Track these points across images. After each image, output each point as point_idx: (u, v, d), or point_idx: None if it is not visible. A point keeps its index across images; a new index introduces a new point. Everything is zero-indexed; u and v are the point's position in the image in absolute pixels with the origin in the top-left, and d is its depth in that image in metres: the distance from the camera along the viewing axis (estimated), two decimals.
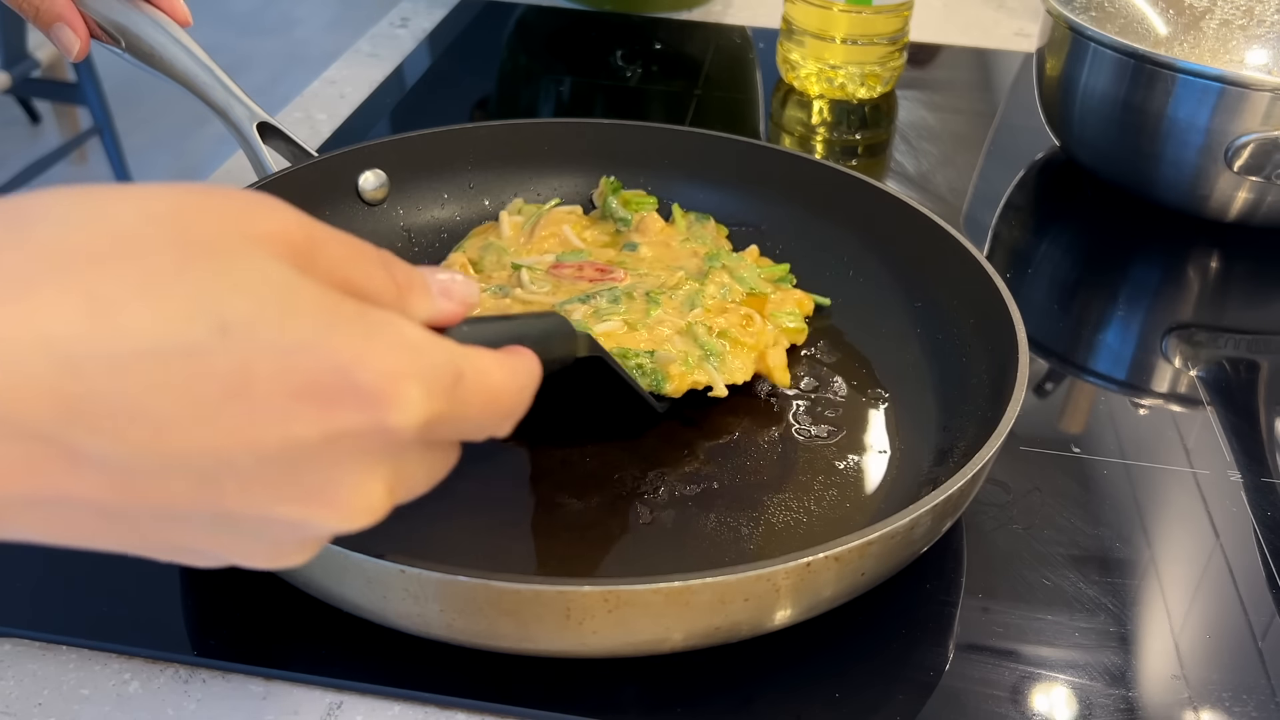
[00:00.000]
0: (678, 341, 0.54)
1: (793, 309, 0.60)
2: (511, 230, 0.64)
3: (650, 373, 0.52)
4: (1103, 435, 0.57)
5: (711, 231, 0.65)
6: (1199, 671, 0.44)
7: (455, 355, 0.29)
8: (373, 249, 0.30)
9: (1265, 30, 0.70)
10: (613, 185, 0.66)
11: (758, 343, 0.56)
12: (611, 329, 0.54)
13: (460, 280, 0.32)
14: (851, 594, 0.42)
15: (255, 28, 3.38)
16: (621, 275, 0.59)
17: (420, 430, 0.27)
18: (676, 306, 0.56)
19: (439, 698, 0.42)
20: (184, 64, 0.59)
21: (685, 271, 0.60)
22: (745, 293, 0.59)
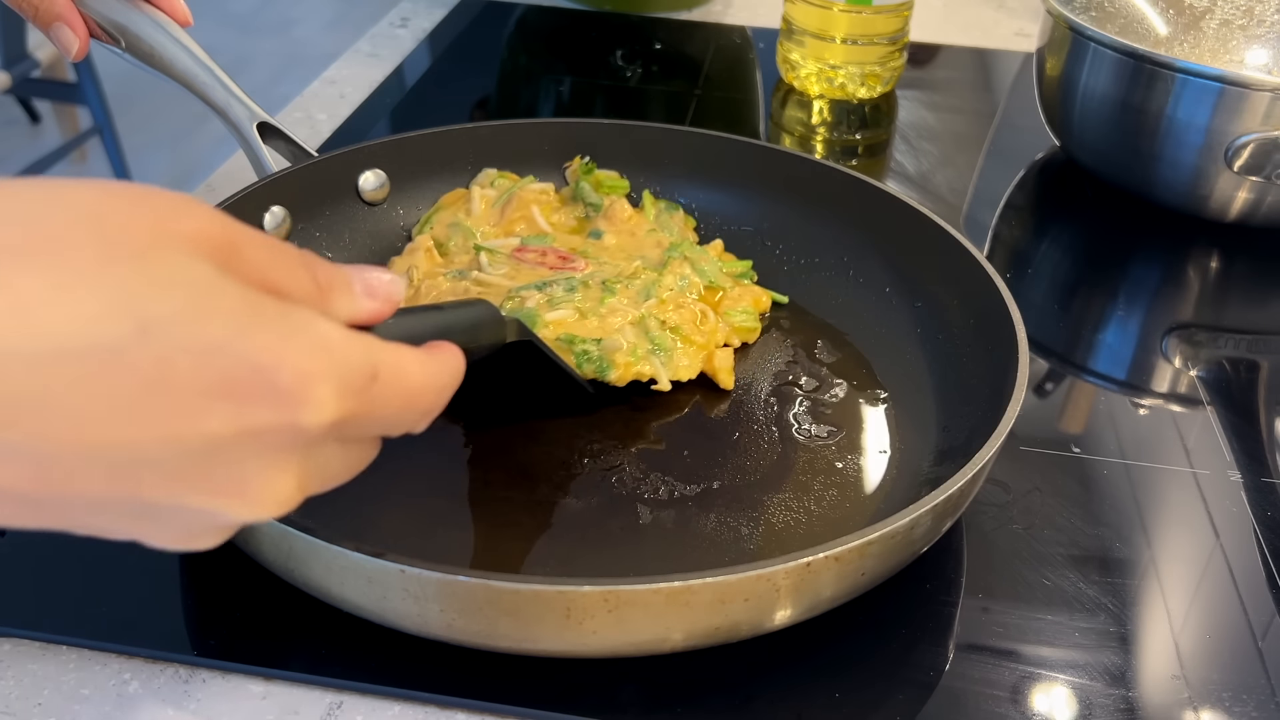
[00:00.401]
0: (628, 332, 0.55)
1: (747, 307, 0.60)
2: (483, 206, 0.64)
3: (596, 360, 0.53)
4: (1103, 435, 0.57)
5: (679, 222, 0.65)
6: (1199, 671, 0.44)
7: (372, 355, 0.30)
8: (294, 250, 0.30)
9: (1265, 30, 0.70)
10: (586, 167, 0.67)
11: (707, 341, 0.57)
12: (563, 317, 0.55)
13: (386, 279, 0.33)
14: (851, 594, 0.42)
15: (255, 28, 3.38)
16: (582, 265, 0.60)
17: (331, 428, 0.28)
18: (632, 296, 0.57)
19: (439, 698, 0.42)
20: (184, 64, 0.59)
21: (645, 261, 0.60)
22: (703, 286, 0.60)
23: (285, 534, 0.39)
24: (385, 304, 0.33)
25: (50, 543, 0.47)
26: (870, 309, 0.61)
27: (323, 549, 0.38)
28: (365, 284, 0.32)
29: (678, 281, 0.59)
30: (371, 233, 0.64)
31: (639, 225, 0.64)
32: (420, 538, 0.47)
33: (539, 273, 0.60)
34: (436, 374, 0.33)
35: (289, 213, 0.60)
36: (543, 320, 0.54)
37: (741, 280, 0.62)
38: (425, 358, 0.33)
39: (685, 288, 0.59)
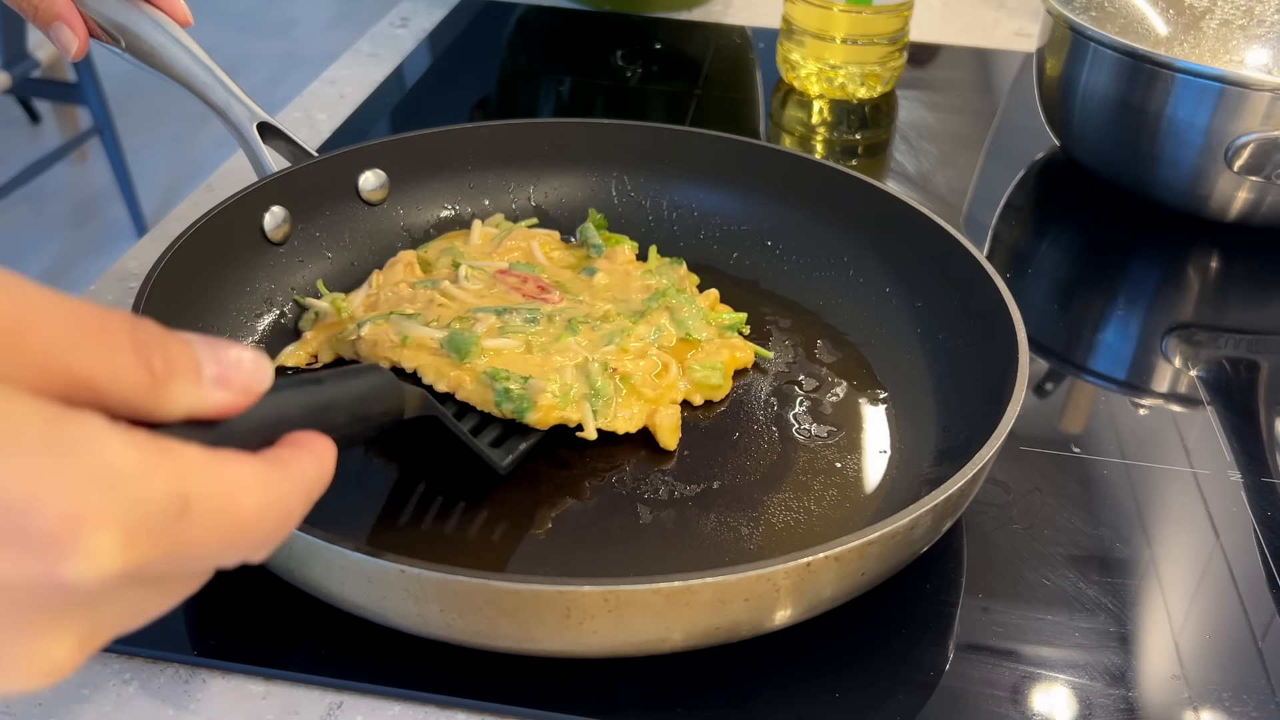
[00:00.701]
0: (568, 373, 0.52)
1: (717, 363, 0.57)
2: (481, 240, 0.63)
3: (516, 399, 0.50)
4: (1103, 435, 0.57)
5: (679, 275, 0.62)
6: (1199, 671, 0.44)
7: (184, 481, 0.24)
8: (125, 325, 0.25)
9: (1265, 30, 0.70)
10: (599, 221, 0.66)
11: (658, 396, 0.54)
12: (504, 346, 0.53)
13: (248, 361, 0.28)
14: (852, 594, 0.42)
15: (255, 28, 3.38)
16: (557, 299, 0.58)
17: (115, 580, 0.23)
18: (593, 339, 0.55)
19: (439, 698, 0.42)
20: (184, 64, 0.59)
21: (624, 306, 0.58)
22: (678, 338, 0.57)
23: None
24: (241, 396, 0.28)
25: None
26: (870, 309, 0.61)
27: (323, 549, 0.38)
28: (219, 367, 0.27)
29: (651, 332, 0.56)
30: (371, 233, 0.64)
31: (635, 269, 0.62)
32: (420, 538, 0.47)
33: (510, 298, 0.57)
34: (282, 494, 0.27)
35: (289, 213, 0.60)
36: (479, 347, 0.52)
37: (727, 333, 0.59)
38: (267, 474, 0.27)
39: (656, 339, 0.56)
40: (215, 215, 0.55)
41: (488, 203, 0.67)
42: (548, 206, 0.68)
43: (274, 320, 0.58)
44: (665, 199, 0.67)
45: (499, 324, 0.54)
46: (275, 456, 0.28)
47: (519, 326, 0.54)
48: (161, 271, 0.51)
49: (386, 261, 0.62)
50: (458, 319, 0.54)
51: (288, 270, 0.60)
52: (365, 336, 0.54)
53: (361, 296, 0.58)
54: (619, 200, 0.68)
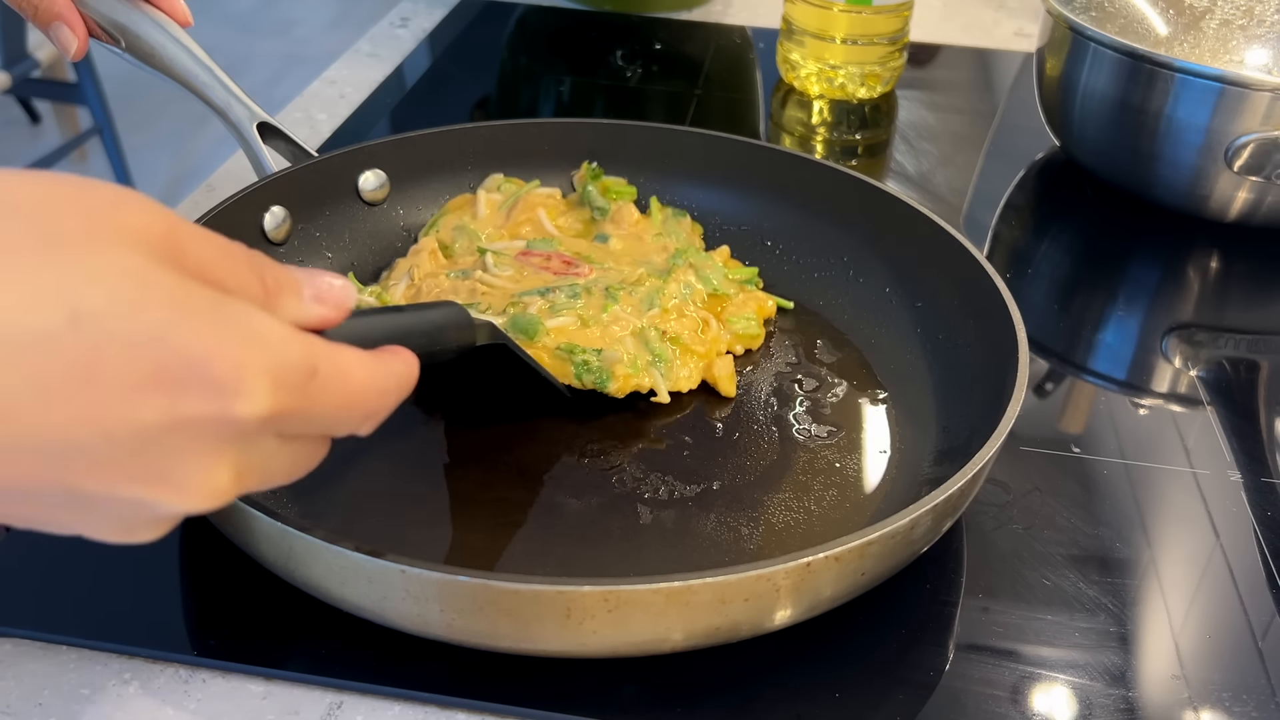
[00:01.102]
0: (629, 343, 0.55)
1: (750, 314, 0.60)
2: (489, 210, 0.64)
3: (596, 370, 0.53)
4: (1103, 435, 0.57)
5: (686, 228, 0.65)
6: (1199, 671, 0.44)
7: (313, 353, 0.30)
8: (243, 251, 0.30)
9: (1265, 30, 0.70)
10: (593, 172, 0.67)
11: (708, 350, 0.57)
12: (564, 324, 0.55)
13: (338, 286, 0.33)
14: (852, 594, 0.42)
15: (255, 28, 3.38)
16: (586, 271, 0.60)
17: (266, 421, 0.28)
18: (635, 304, 0.57)
19: (439, 698, 0.42)
20: (184, 64, 0.59)
21: (649, 268, 0.60)
22: (707, 293, 0.60)
23: (285, 534, 0.39)
24: (334, 310, 0.33)
25: (50, 543, 0.47)
26: (870, 309, 0.61)
27: (323, 549, 0.38)
28: (315, 289, 0.33)
29: (681, 289, 0.59)
30: (371, 233, 0.64)
31: (645, 230, 0.64)
32: (420, 539, 0.47)
33: (543, 277, 0.59)
34: (381, 377, 0.33)
35: (289, 213, 0.60)
36: (544, 328, 0.54)
37: (746, 286, 0.62)
38: (370, 360, 0.32)
39: (689, 296, 0.59)
40: (215, 215, 0.55)
41: None
42: None
43: None
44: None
45: (547, 304, 0.56)
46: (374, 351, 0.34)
47: (566, 303, 0.56)
48: None
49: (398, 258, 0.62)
50: (510, 304, 0.56)
51: None
52: None
53: (402, 290, 0.59)
54: None
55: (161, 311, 0.26)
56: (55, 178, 0.28)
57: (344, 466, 0.50)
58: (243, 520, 0.41)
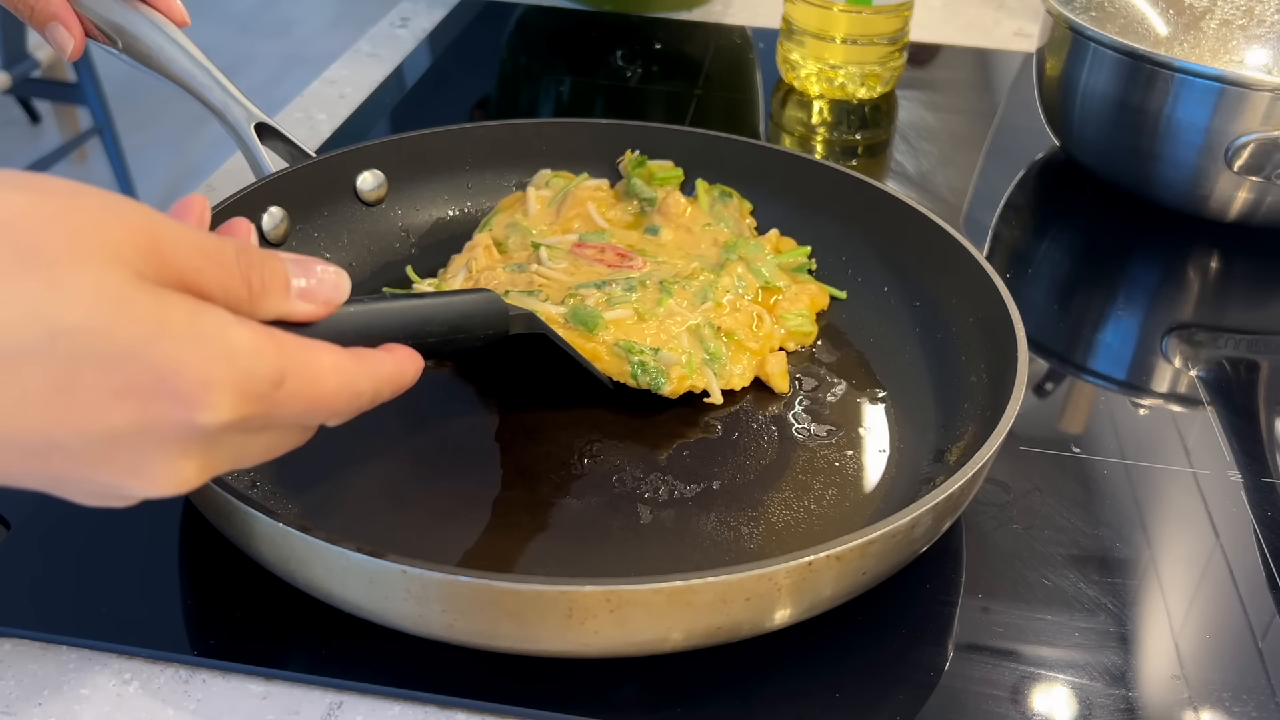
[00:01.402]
0: (684, 340, 0.55)
1: (803, 309, 0.60)
2: (539, 206, 0.65)
3: (652, 371, 0.53)
4: (1103, 435, 0.57)
5: (734, 210, 0.65)
6: (1199, 671, 0.44)
7: (282, 362, 0.32)
8: (230, 250, 0.32)
9: (1265, 30, 0.70)
10: (637, 160, 0.67)
11: (761, 347, 0.56)
12: (621, 317, 0.54)
13: (329, 281, 0.35)
14: (852, 593, 0.42)
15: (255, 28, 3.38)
16: (640, 263, 0.59)
17: (228, 426, 0.31)
18: (689, 298, 0.57)
19: (439, 698, 0.42)
20: (181, 65, 0.59)
21: (702, 262, 0.60)
22: (759, 286, 0.59)
23: (286, 534, 0.39)
24: (323, 306, 0.35)
25: (51, 543, 0.47)
26: (870, 309, 0.61)
27: (324, 550, 0.38)
28: (303, 288, 0.34)
29: (734, 283, 0.59)
30: (370, 233, 0.64)
31: (695, 220, 0.64)
32: (420, 539, 0.47)
33: (597, 270, 0.59)
34: (357, 379, 0.34)
35: (287, 213, 0.60)
36: (603, 321, 0.54)
37: (799, 275, 0.62)
38: (348, 363, 0.34)
39: (742, 289, 0.59)
40: (213, 216, 0.55)
41: (486, 202, 0.67)
42: None
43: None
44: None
45: (604, 296, 0.56)
46: (357, 352, 0.35)
47: (622, 296, 0.56)
48: None
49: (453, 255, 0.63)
50: (568, 295, 0.56)
51: None
52: None
53: (459, 281, 0.59)
54: None
55: (135, 329, 0.29)
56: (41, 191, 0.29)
57: (344, 467, 0.50)
58: (243, 520, 0.41)
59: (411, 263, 0.64)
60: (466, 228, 0.66)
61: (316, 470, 0.50)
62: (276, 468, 0.49)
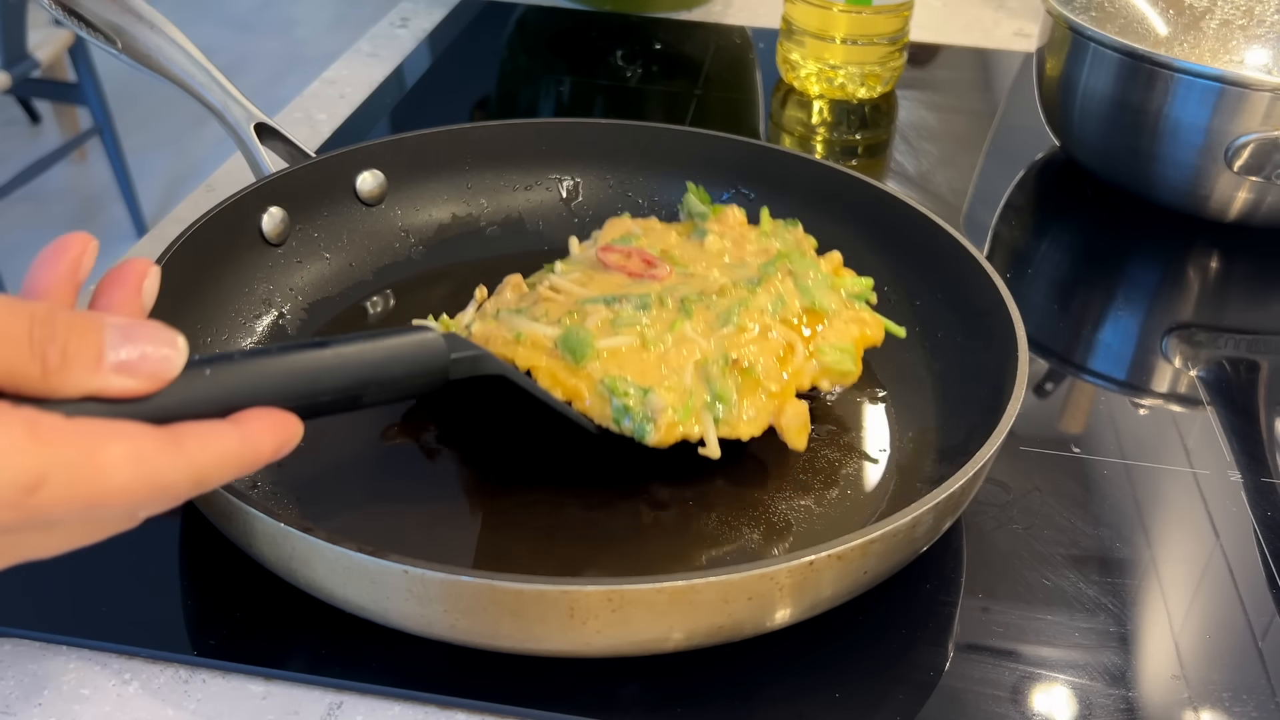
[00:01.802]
0: (687, 376, 0.48)
1: (847, 344, 0.51)
2: (578, 250, 0.60)
3: (636, 416, 0.46)
4: (1103, 435, 0.57)
5: (796, 238, 0.58)
6: (1199, 671, 0.44)
7: (39, 461, 0.28)
8: (22, 321, 0.29)
9: (1265, 30, 0.70)
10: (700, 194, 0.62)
11: (783, 388, 0.49)
12: (619, 345, 0.48)
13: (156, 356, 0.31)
14: (853, 593, 0.42)
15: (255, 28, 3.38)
16: (665, 273, 0.53)
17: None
18: (709, 321, 0.50)
19: (439, 698, 0.42)
20: (181, 65, 0.59)
21: (743, 272, 0.53)
22: (804, 308, 0.52)
23: (287, 534, 0.39)
24: (146, 382, 0.31)
25: None
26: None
27: (325, 549, 0.38)
28: (123, 358, 0.31)
29: (772, 301, 0.51)
30: (369, 233, 0.64)
31: (749, 231, 0.58)
32: (421, 539, 0.47)
33: (615, 280, 0.53)
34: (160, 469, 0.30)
35: (287, 213, 0.60)
36: (593, 350, 0.47)
37: (855, 303, 0.53)
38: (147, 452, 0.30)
39: (779, 311, 0.51)
40: (213, 216, 0.55)
41: (485, 202, 0.67)
42: (547, 207, 0.68)
43: (273, 321, 0.58)
44: (665, 199, 0.67)
45: (610, 315, 0.49)
46: (175, 433, 0.31)
47: (630, 316, 0.49)
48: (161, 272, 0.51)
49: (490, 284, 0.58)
50: (567, 314, 0.50)
51: (286, 271, 0.60)
52: (475, 334, 0.50)
53: (470, 313, 0.54)
54: (618, 200, 0.68)
55: None
56: None
57: (345, 467, 0.50)
58: (243, 520, 0.41)
59: (413, 264, 0.64)
60: (467, 228, 0.66)
61: (317, 470, 0.50)
62: (277, 468, 0.49)
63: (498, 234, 0.67)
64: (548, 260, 0.65)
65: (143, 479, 0.30)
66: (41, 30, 2.11)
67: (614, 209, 0.67)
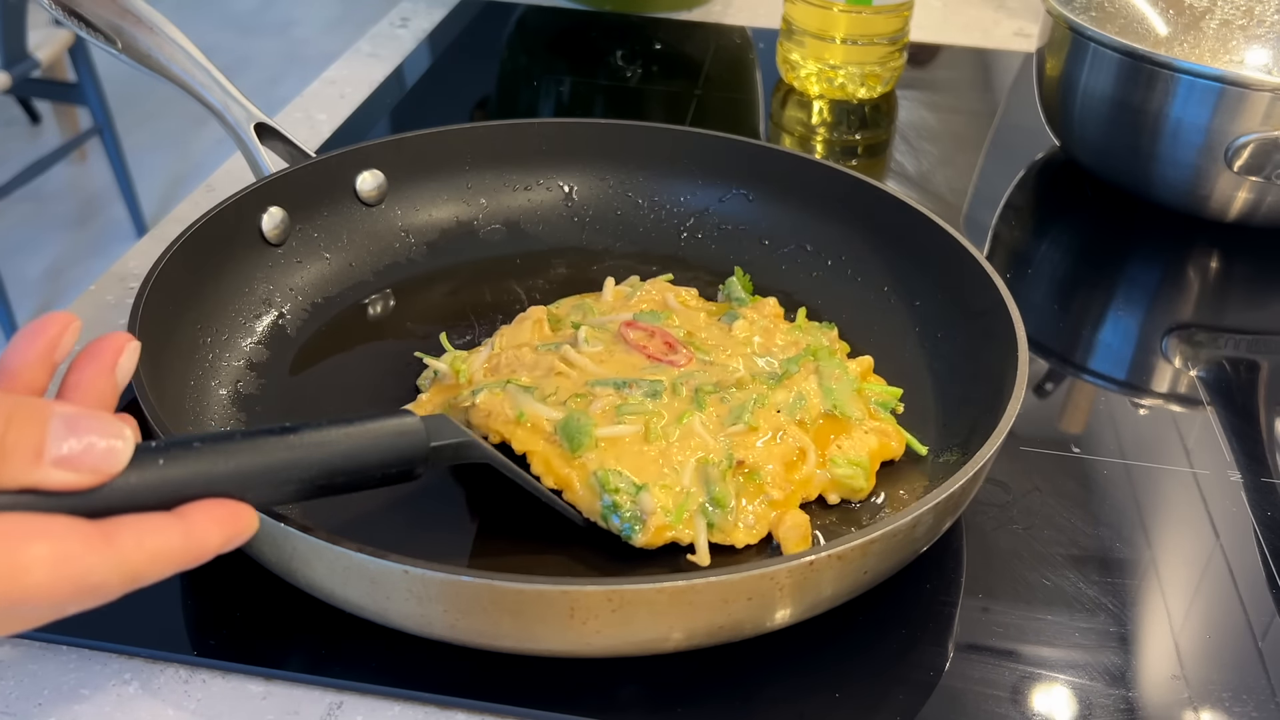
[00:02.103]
0: (686, 474, 0.47)
1: (862, 457, 0.49)
2: (613, 297, 0.59)
3: (626, 515, 0.45)
4: (1103, 435, 0.57)
5: (830, 339, 0.57)
6: (1199, 671, 0.44)
7: None
8: None
9: (1265, 30, 0.70)
10: (745, 283, 0.61)
11: (786, 497, 0.47)
12: (621, 434, 0.47)
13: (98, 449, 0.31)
14: (853, 593, 0.42)
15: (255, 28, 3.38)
16: (684, 359, 0.52)
17: None
18: (720, 415, 0.49)
19: (439, 698, 0.42)
20: (181, 64, 0.59)
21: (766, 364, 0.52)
22: (822, 411, 0.51)
23: (287, 535, 0.39)
24: (89, 475, 0.31)
25: None
26: (870, 309, 0.61)
27: (325, 550, 0.38)
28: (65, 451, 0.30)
29: (790, 399, 0.50)
30: (369, 233, 0.64)
31: (782, 325, 0.57)
32: (421, 539, 0.47)
33: (632, 361, 0.52)
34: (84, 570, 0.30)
35: (287, 214, 0.60)
36: (591, 439, 0.47)
37: (879, 412, 0.52)
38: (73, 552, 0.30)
39: (797, 410, 0.50)
40: (213, 216, 0.55)
41: (485, 202, 0.67)
42: (547, 208, 0.68)
43: (273, 321, 0.58)
44: (665, 199, 0.67)
45: (618, 400, 0.49)
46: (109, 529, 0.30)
47: (637, 404, 0.48)
48: (161, 272, 0.51)
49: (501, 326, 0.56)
50: (575, 395, 0.49)
51: (286, 271, 0.60)
52: (479, 405, 0.49)
53: (483, 358, 0.53)
54: (618, 200, 0.68)
55: None
56: None
57: None
58: None
59: (413, 264, 0.64)
60: (466, 227, 0.66)
61: None
62: None
63: (497, 234, 0.67)
64: (547, 260, 0.66)
65: (66, 579, 0.29)
66: (41, 30, 2.11)
67: (614, 209, 0.68)
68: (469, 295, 0.63)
